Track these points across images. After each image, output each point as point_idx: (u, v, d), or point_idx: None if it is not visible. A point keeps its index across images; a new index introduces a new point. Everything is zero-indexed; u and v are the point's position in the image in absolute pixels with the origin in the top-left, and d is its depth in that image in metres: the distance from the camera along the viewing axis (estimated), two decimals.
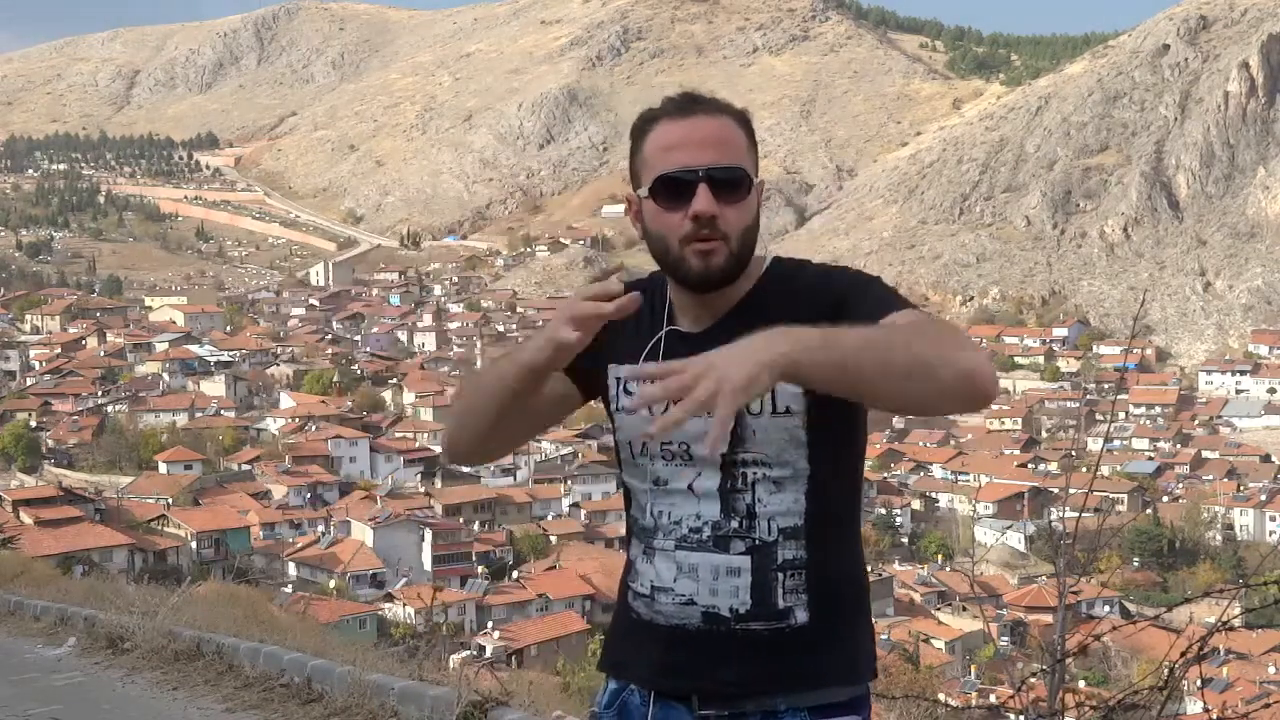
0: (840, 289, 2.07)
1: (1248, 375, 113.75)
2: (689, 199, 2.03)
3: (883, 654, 38.14)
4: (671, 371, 1.76)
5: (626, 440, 2.15)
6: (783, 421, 2.04)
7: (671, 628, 2.08)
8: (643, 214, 2.12)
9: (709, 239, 2.04)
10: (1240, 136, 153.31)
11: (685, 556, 2.07)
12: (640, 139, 2.12)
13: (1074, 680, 14.36)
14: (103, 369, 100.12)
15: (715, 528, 2.06)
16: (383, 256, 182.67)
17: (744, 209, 2.09)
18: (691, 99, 2.13)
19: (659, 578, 2.10)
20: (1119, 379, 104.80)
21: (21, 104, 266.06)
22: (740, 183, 2.08)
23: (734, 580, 2.04)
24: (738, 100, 2.20)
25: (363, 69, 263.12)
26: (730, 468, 2.06)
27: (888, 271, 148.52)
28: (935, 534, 71.92)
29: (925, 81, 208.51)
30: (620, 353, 2.16)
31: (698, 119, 2.09)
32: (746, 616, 2.04)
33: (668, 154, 2.06)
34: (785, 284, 2.14)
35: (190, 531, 56.38)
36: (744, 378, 1.73)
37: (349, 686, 6.06)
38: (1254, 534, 75.27)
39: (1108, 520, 6.43)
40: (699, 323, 2.12)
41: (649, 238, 2.12)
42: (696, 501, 2.07)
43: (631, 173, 2.15)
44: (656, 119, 2.11)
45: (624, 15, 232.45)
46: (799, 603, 2.05)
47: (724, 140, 2.09)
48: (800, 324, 1.87)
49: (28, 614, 9.98)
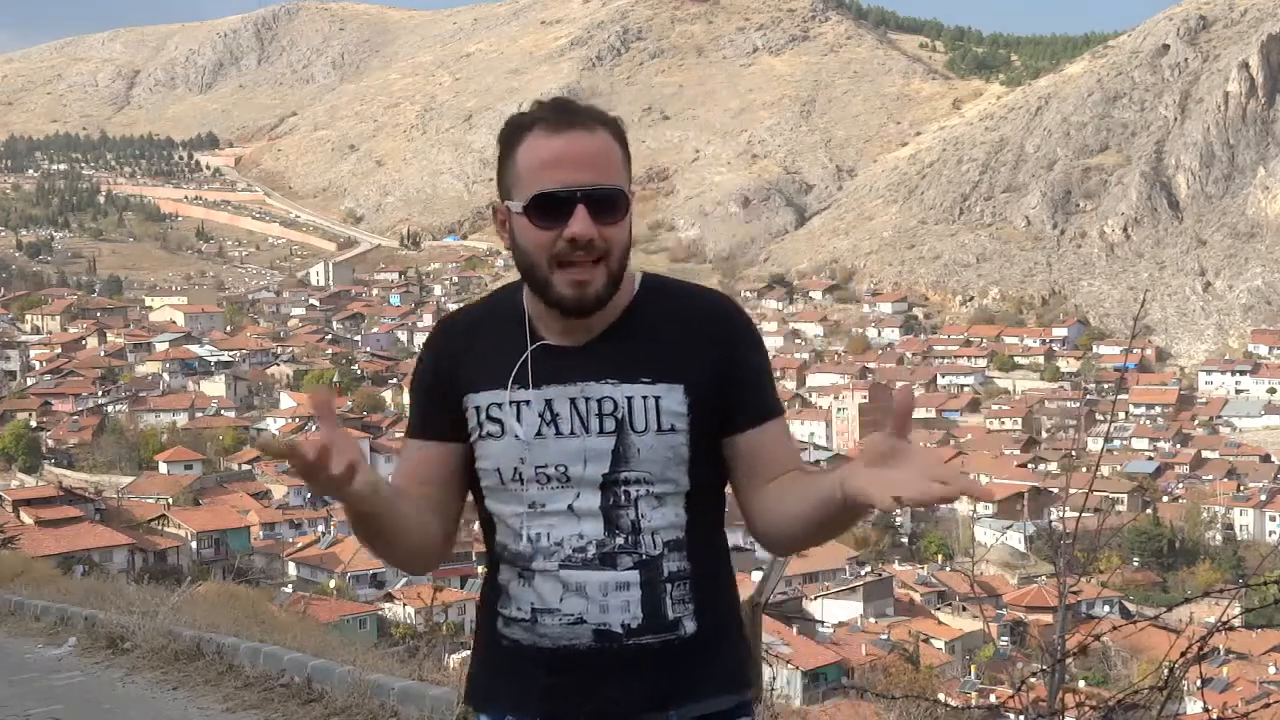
0: (730, 332, 2.10)
1: (1248, 375, 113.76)
2: (565, 219, 1.97)
3: (883, 654, 37.94)
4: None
5: (494, 468, 2.07)
6: (668, 439, 2.03)
7: (557, 649, 2.03)
8: (512, 227, 2.04)
9: (582, 261, 1.98)
10: (1240, 136, 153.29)
11: (571, 575, 2.02)
12: (512, 147, 2.04)
13: (1074, 680, 14.35)
14: (103, 369, 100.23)
15: (600, 545, 2.03)
16: (383, 256, 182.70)
17: (620, 229, 2.02)
18: (567, 109, 2.04)
19: (541, 600, 2.04)
20: (1119, 379, 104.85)
21: (21, 104, 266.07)
22: (617, 203, 2.01)
23: (624, 595, 2.02)
24: (737, 101, 2.25)
25: (363, 69, 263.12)
26: (611, 486, 2.03)
27: (887, 271, 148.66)
28: (935, 534, 71.93)
29: (925, 81, 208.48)
30: (477, 380, 2.09)
31: (575, 133, 2.00)
32: (638, 630, 2.02)
33: (544, 170, 1.98)
34: (663, 302, 2.11)
35: (190, 531, 56.43)
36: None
37: (349, 686, 6.07)
38: (1254, 534, 75.28)
39: (1108, 520, 6.43)
40: (570, 336, 2.07)
41: (517, 252, 2.04)
42: (578, 521, 2.03)
43: (501, 181, 2.07)
44: (529, 127, 2.03)
45: (624, 15, 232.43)
46: (686, 613, 2.05)
47: (602, 158, 2.00)
48: (684, 347, 2.03)
49: (28, 614, 9.98)
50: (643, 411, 2.03)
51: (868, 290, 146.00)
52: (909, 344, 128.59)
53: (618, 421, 2.03)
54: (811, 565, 56.17)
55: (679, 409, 2.03)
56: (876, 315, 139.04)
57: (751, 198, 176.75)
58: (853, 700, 12.25)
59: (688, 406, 2.04)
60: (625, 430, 2.02)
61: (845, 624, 47.55)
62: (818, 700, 26.57)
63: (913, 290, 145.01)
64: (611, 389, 2.03)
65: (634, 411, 2.03)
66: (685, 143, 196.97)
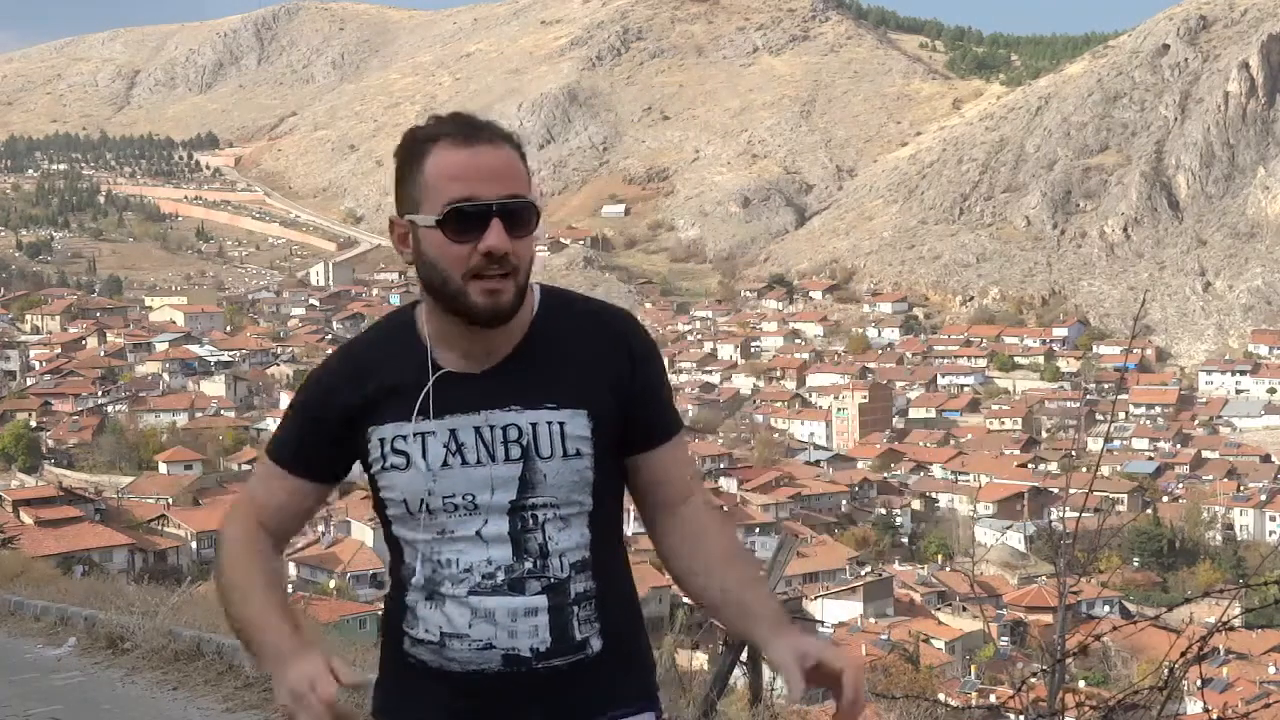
0: (634, 351, 2.10)
1: (1248, 375, 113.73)
2: (479, 232, 1.96)
3: (883, 654, 38.00)
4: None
5: (400, 499, 2.06)
6: (573, 464, 2.04)
7: (467, 674, 2.04)
8: (418, 240, 2.02)
9: (497, 275, 1.98)
10: (1240, 136, 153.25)
11: (480, 601, 2.03)
12: (416, 160, 2.02)
13: (1074, 680, 14.36)
14: (103, 369, 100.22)
15: (509, 571, 2.04)
16: (383, 256, 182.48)
17: (529, 243, 2.03)
18: (471, 124, 2.02)
19: (450, 624, 2.05)
20: (1119, 379, 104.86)
21: (21, 104, 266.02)
22: (528, 217, 2.01)
23: (532, 620, 2.03)
24: (737, 101, 2.24)
25: (363, 69, 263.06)
26: (519, 511, 2.04)
27: (887, 271, 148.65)
28: (935, 534, 71.92)
29: (925, 81, 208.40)
30: (380, 411, 2.05)
31: (481, 147, 1.99)
32: (547, 654, 2.04)
33: (455, 184, 1.97)
34: (564, 318, 2.11)
35: (190, 531, 56.44)
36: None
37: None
38: (1254, 534, 75.29)
39: (1108, 520, 6.43)
40: (472, 360, 2.06)
41: (425, 267, 2.01)
42: (486, 547, 2.04)
43: (402, 194, 2.04)
44: (434, 140, 2.01)
45: (624, 15, 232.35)
46: (593, 632, 2.07)
47: (510, 171, 2.01)
48: (587, 370, 2.05)
49: (28, 614, 9.98)
50: (548, 437, 2.03)
51: (868, 290, 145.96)
52: (909, 344, 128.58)
53: (523, 449, 2.03)
54: (811, 565, 56.23)
55: (583, 433, 2.04)
56: (876, 315, 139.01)
57: (751, 198, 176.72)
58: None
59: (591, 430, 2.04)
60: (531, 457, 2.03)
61: (845, 624, 47.57)
62: (818, 700, 26.53)
63: (913, 290, 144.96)
64: (516, 415, 2.03)
65: (539, 438, 2.03)
66: (685, 143, 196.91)
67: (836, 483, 79.31)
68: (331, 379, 2.13)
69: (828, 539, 63.88)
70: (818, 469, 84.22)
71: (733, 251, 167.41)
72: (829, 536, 64.93)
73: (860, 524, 72.34)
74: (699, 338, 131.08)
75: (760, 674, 6.36)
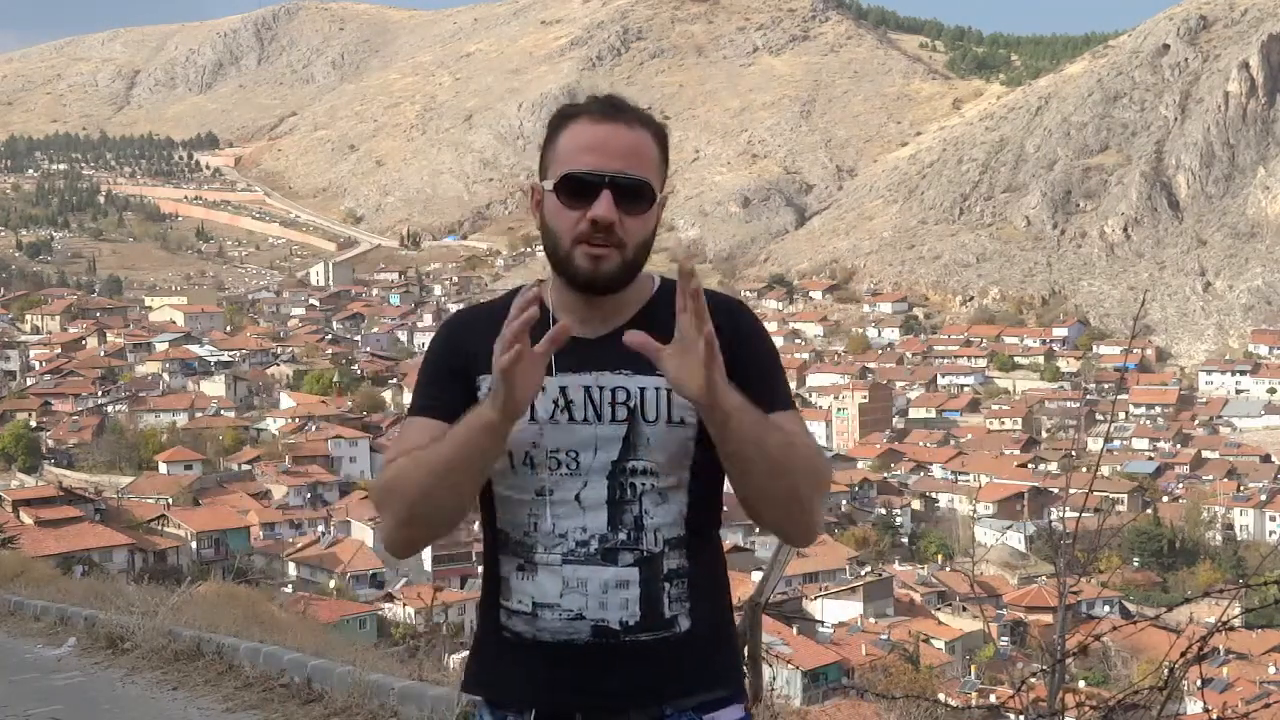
0: (744, 332, 2.14)
1: (1248, 375, 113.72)
2: (590, 201, 2.04)
3: (883, 654, 37.87)
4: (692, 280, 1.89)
5: (506, 450, 2.06)
6: (678, 432, 2.08)
7: (558, 644, 2.08)
8: (544, 206, 2.12)
9: (603, 245, 2.05)
10: (1240, 136, 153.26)
11: (573, 571, 2.06)
12: (556, 132, 2.13)
13: (1074, 680, 14.36)
14: (103, 369, 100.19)
15: (602, 540, 2.07)
16: (383, 256, 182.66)
17: (644, 221, 2.09)
18: (615, 105, 2.12)
19: (542, 593, 2.08)
20: (1119, 379, 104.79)
21: (21, 104, 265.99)
22: (643, 194, 2.07)
23: (623, 593, 2.06)
24: (737, 100, 2.25)
25: (363, 69, 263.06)
26: (618, 476, 2.07)
27: (888, 271, 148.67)
28: (935, 534, 71.93)
29: (925, 81, 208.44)
30: (494, 362, 2.03)
31: (617, 126, 2.08)
32: (635, 628, 2.06)
33: (579, 154, 2.07)
34: (677, 300, 2.06)
35: (190, 531, 56.41)
36: (714, 379, 1.91)
37: (349, 686, 6.07)
38: (1254, 534, 75.27)
39: (1108, 520, 6.43)
40: (589, 327, 2.12)
41: (544, 231, 2.12)
42: (583, 513, 2.07)
43: (541, 162, 2.15)
44: (576, 115, 2.12)
45: (624, 15, 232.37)
46: (683, 611, 2.10)
47: (636, 151, 2.08)
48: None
49: (28, 614, 9.99)
50: (654, 403, 2.08)
51: (868, 290, 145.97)
52: (909, 344, 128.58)
53: (630, 411, 2.07)
54: (811, 565, 56.17)
55: (687, 403, 2.04)
56: (876, 315, 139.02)
57: (751, 198, 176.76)
58: (853, 700, 12.26)
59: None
60: (637, 420, 2.07)
61: (845, 624, 47.52)
62: (818, 700, 26.54)
63: (913, 290, 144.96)
64: (625, 379, 2.09)
65: (646, 402, 2.08)
66: (685, 143, 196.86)
67: (836, 483, 79.17)
68: (453, 331, 2.21)
69: (828, 539, 63.80)
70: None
71: (733, 251, 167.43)
72: (829, 536, 64.88)
73: (860, 524, 72.32)
74: None
75: (760, 674, 6.36)
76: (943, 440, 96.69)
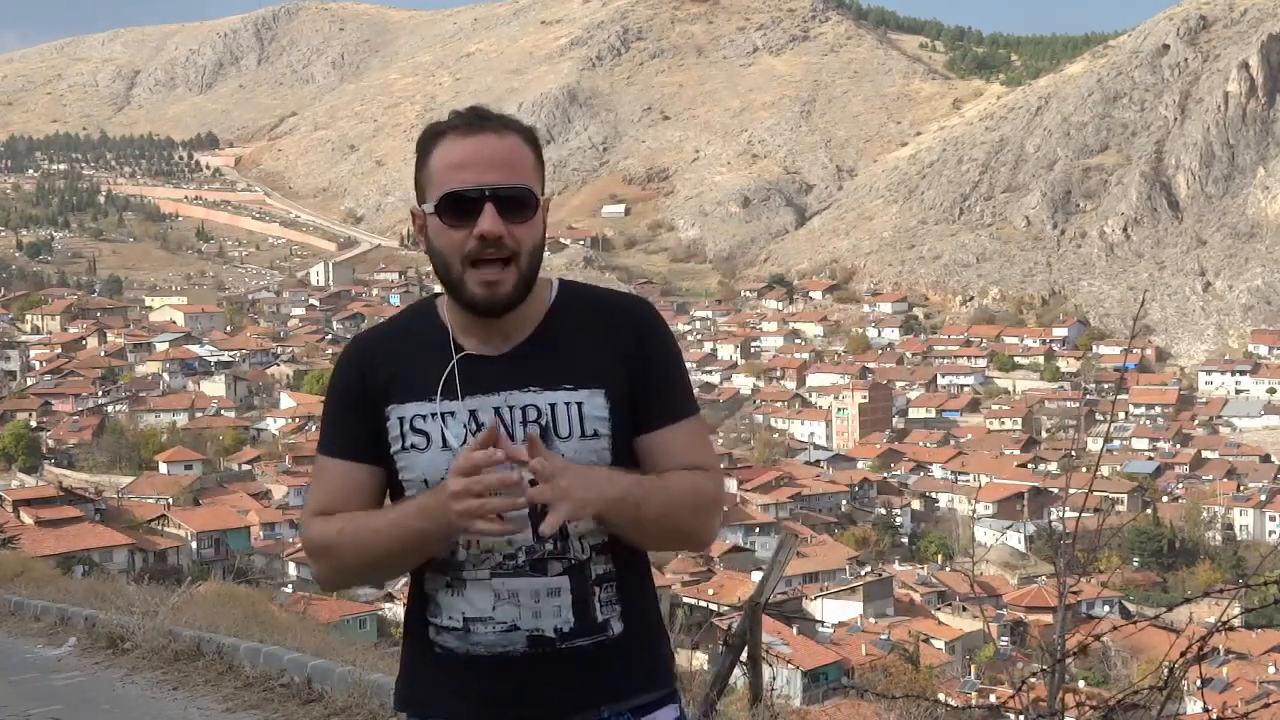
0: (645, 334, 2.14)
1: (1248, 375, 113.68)
2: (475, 217, 2.02)
3: (883, 654, 37.92)
4: (538, 464, 1.91)
5: (420, 478, 2.09)
6: (591, 444, 2.08)
7: (494, 657, 2.08)
8: (427, 230, 2.08)
9: (493, 259, 2.03)
10: (1240, 136, 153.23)
11: (503, 583, 2.07)
12: (426, 153, 2.09)
13: (1074, 680, 14.36)
14: (103, 369, 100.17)
15: (529, 552, 2.07)
16: (383, 256, 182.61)
17: (531, 228, 2.06)
18: (479, 115, 2.08)
19: (474, 608, 2.08)
20: (1119, 379, 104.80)
21: (21, 104, 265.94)
22: (527, 202, 2.05)
23: (555, 600, 2.07)
24: (737, 101, 2.24)
25: (363, 69, 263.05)
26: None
27: (888, 271, 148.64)
28: (935, 534, 71.91)
29: (925, 81, 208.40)
30: (401, 391, 2.10)
31: (485, 136, 2.05)
32: (571, 634, 2.08)
33: (454, 172, 2.03)
34: (580, 306, 2.14)
35: (190, 531, 56.41)
36: (581, 505, 1.95)
37: (349, 686, 6.07)
38: (1254, 534, 75.27)
39: (1108, 520, 6.43)
40: (492, 344, 2.11)
41: (432, 254, 2.08)
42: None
43: (417, 186, 2.11)
44: (443, 133, 2.08)
45: (624, 15, 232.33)
46: (614, 614, 2.12)
47: (511, 159, 2.06)
48: (603, 352, 2.08)
49: (28, 614, 9.99)
50: (566, 418, 2.07)
51: (868, 290, 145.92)
52: (909, 344, 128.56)
53: (542, 429, 2.05)
54: (811, 565, 56.20)
55: (601, 414, 2.07)
56: (876, 315, 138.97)
57: (751, 198, 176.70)
58: (853, 700, 12.26)
59: (609, 411, 2.08)
60: (550, 437, 2.05)
61: (845, 624, 47.52)
62: (818, 700, 26.54)
63: (913, 290, 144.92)
64: (534, 396, 2.07)
65: (558, 418, 2.06)
66: (685, 143, 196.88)
67: (836, 483, 79.29)
68: (354, 363, 2.18)
69: (828, 539, 63.87)
70: (818, 469, 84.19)
71: (733, 251, 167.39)
72: (829, 536, 64.92)
73: (860, 524, 72.31)
74: (699, 338, 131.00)
75: (760, 674, 6.36)
76: (943, 440, 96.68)
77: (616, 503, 1.99)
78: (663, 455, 2.11)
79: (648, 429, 2.11)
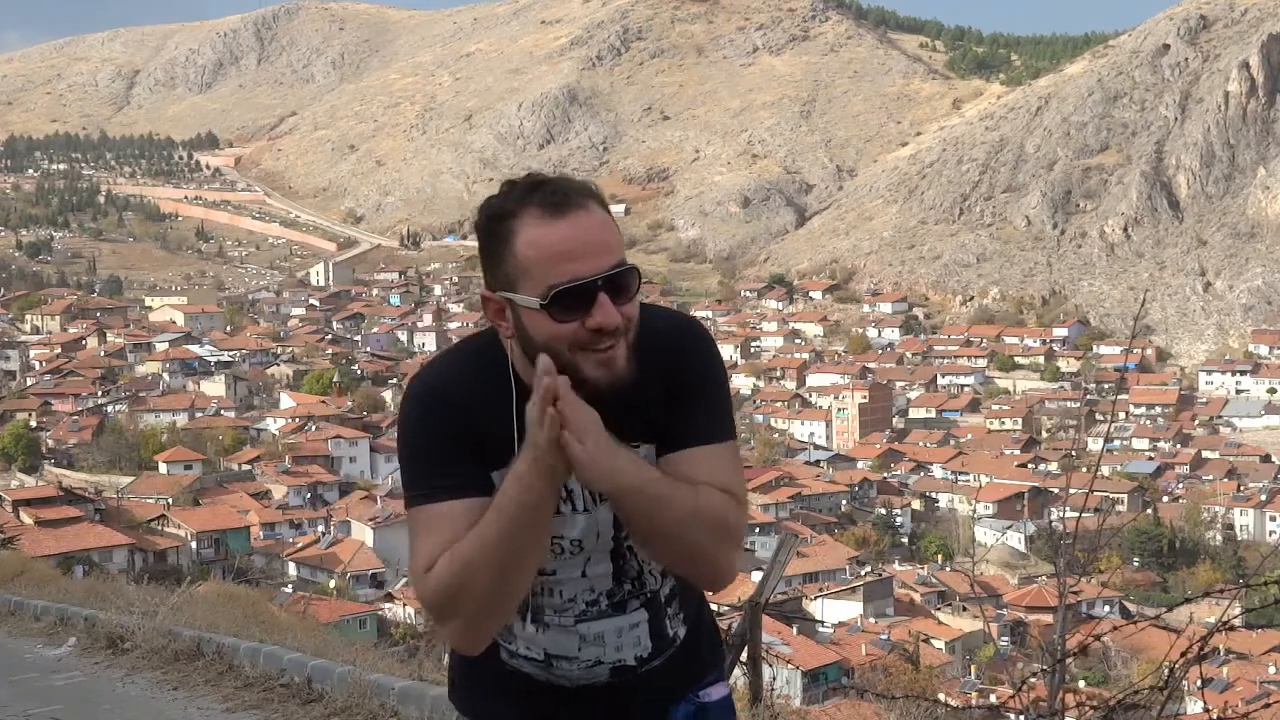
0: (686, 365, 2.06)
1: (1248, 375, 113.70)
2: (586, 308, 1.90)
3: (883, 654, 37.91)
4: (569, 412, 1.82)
5: (569, 537, 2.11)
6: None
7: (578, 689, 2.16)
8: (518, 317, 1.94)
9: (609, 348, 1.94)
10: (1240, 136, 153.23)
11: (589, 628, 2.13)
12: (503, 237, 1.93)
13: (1074, 680, 14.36)
14: (103, 369, 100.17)
15: (610, 596, 2.14)
16: (383, 256, 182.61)
17: (635, 304, 1.98)
18: (560, 191, 1.93)
19: (557, 647, 2.14)
20: (1119, 379, 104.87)
21: (21, 104, 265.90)
22: (632, 280, 1.95)
23: (635, 633, 2.16)
24: (737, 100, 2.19)
25: (363, 69, 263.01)
26: (620, 547, 2.12)
27: (888, 271, 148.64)
28: (935, 534, 71.91)
29: (925, 81, 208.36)
30: (491, 455, 2.01)
31: (577, 216, 1.91)
32: (649, 658, 2.18)
33: (561, 263, 1.89)
34: (640, 353, 2.03)
35: (190, 531, 56.41)
36: (592, 468, 1.86)
37: (349, 686, 6.06)
38: (1254, 534, 75.27)
39: (1108, 520, 6.44)
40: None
41: (525, 340, 1.95)
42: (588, 580, 2.13)
43: (493, 270, 1.95)
44: (519, 214, 1.92)
45: (624, 15, 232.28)
46: (680, 624, 2.23)
47: (608, 238, 1.93)
48: (654, 394, 2.01)
49: (28, 614, 9.98)
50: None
51: (868, 290, 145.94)
52: (909, 344, 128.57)
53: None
54: (811, 565, 56.19)
55: (653, 460, 2.05)
56: (876, 315, 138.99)
57: (751, 198, 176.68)
58: (853, 700, 12.27)
59: (655, 454, 2.05)
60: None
61: (845, 624, 47.51)
62: (818, 700, 26.55)
63: (913, 290, 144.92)
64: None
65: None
66: (685, 143, 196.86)
67: (836, 483, 79.31)
68: (453, 413, 2.03)
69: (828, 539, 63.87)
70: (818, 469, 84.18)
71: (733, 251, 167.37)
72: (829, 536, 64.91)
73: (860, 524, 72.31)
74: None
75: (760, 674, 6.36)
76: (943, 440, 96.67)
77: (633, 492, 1.91)
78: (688, 472, 2.01)
79: (668, 448, 2.05)
